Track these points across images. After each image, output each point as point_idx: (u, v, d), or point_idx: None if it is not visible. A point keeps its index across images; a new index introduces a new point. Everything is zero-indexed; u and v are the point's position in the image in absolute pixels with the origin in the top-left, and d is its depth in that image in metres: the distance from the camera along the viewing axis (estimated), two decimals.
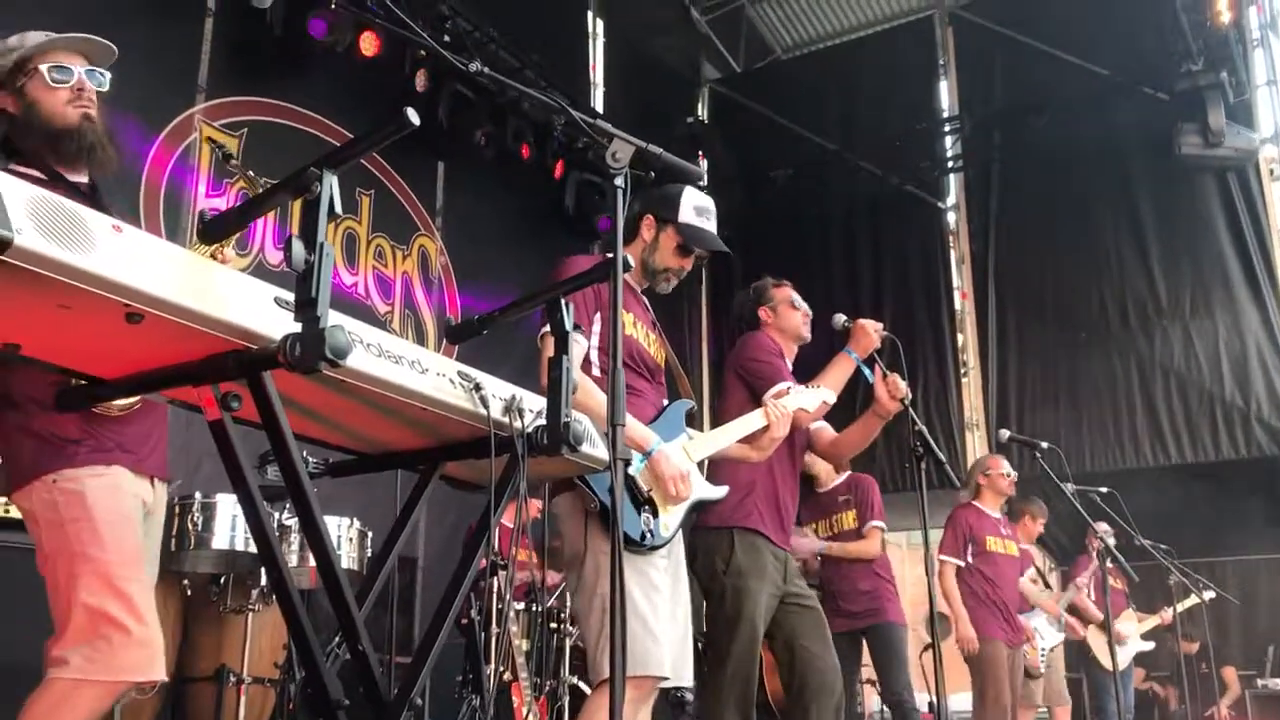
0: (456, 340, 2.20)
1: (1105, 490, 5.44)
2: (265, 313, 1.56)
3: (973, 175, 10.13)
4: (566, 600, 5.12)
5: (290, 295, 1.55)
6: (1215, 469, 8.56)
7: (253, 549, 3.78)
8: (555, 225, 8.30)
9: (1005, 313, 9.69)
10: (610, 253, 1.96)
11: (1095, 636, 7.17)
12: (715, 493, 3.03)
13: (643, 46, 10.41)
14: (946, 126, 10.26)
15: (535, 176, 8.03)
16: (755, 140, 10.48)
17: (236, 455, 1.66)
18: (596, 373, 2.78)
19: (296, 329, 1.49)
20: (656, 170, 2.03)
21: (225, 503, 3.85)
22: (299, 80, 6.42)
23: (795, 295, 3.86)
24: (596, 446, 2.05)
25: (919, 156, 10.11)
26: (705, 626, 3.65)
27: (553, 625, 5.09)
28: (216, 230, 1.69)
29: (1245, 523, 8.58)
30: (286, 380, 1.58)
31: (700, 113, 11.28)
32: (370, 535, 4.36)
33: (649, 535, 2.72)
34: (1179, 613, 7.34)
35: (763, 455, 3.24)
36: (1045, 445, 4.86)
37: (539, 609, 4.99)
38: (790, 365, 3.70)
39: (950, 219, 10.39)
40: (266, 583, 4.01)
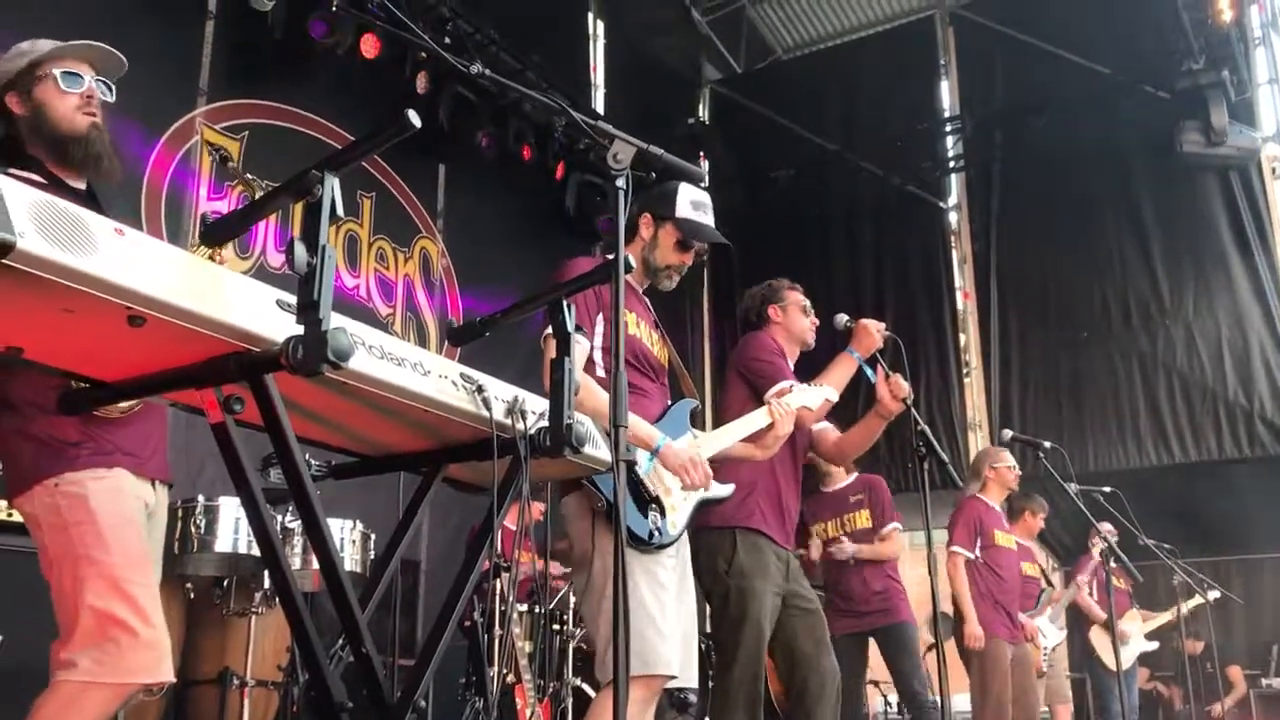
0: (458, 342, 2.20)
1: (1108, 490, 5.44)
2: (267, 315, 1.56)
3: (974, 175, 10.12)
4: (569, 602, 5.12)
5: (292, 298, 1.55)
6: (1218, 468, 8.55)
7: (256, 552, 3.79)
8: (556, 226, 8.29)
9: (1007, 312, 9.68)
10: (611, 253, 1.96)
11: (1099, 636, 7.16)
12: (722, 491, 3.04)
13: (643, 47, 10.41)
14: (948, 126, 10.25)
15: (536, 178, 8.03)
16: (756, 141, 10.47)
17: (239, 458, 1.66)
18: (600, 373, 2.78)
19: (299, 331, 1.49)
20: (658, 171, 2.03)
21: (228, 505, 3.85)
22: (300, 83, 6.43)
23: (807, 302, 3.88)
24: (599, 448, 2.05)
25: (920, 156, 10.10)
26: (710, 628, 3.65)
27: (555, 627, 5.09)
28: (218, 233, 1.69)
29: (1249, 522, 8.57)
30: (289, 383, 1.58)
31: (701, 113, 11.27)
32: (373, 537, 4.36)
33: (657, 534, 2.73)
34: (1183, 612, 7.34)
35: (767, 454, 3.24)
36: (1048, 445, 4.86)
37: (542, 610, 4.99)
38: (790, 368, 3.71)
39: (952, 219, 10.38)
40: (270, 585, 4.02)
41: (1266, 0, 9.21)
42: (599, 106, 9.66)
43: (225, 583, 4.12)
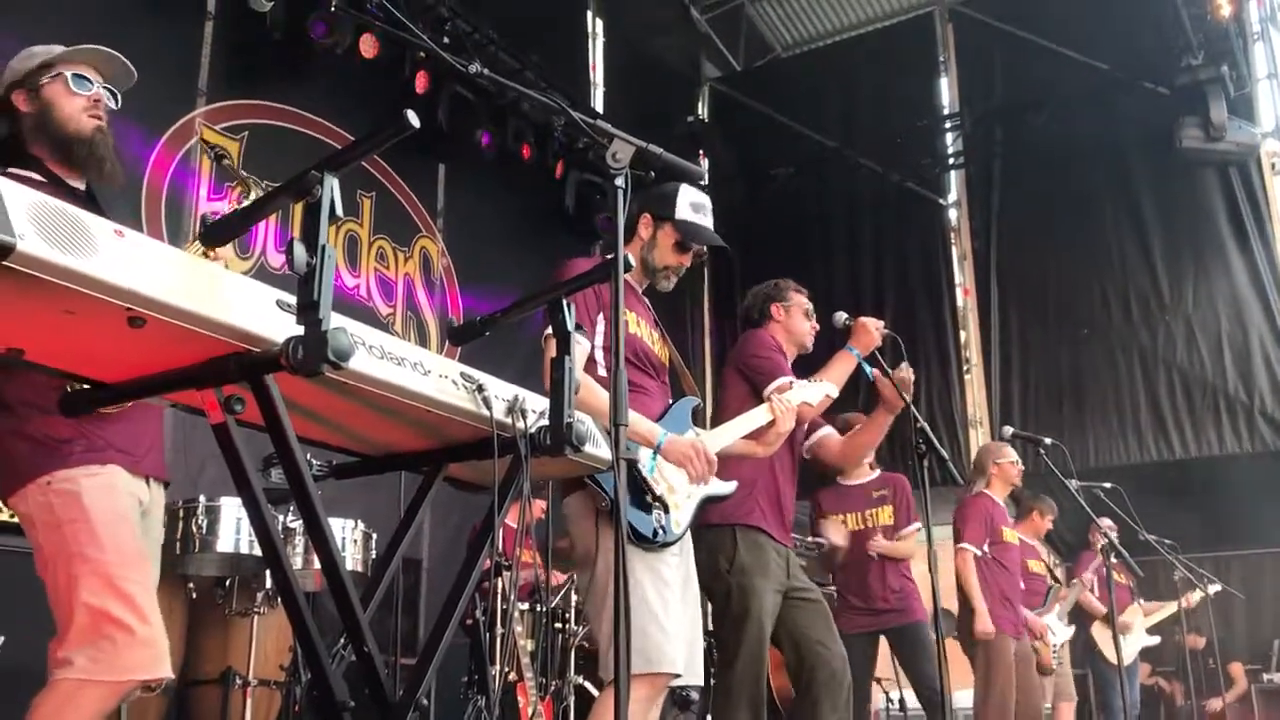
0: (459, 342, 2.20)
1: (1109, 485, 5.44)
2: (267, 316, 1.56)
3: (974, 172, 10.12)
4: (571, 600, 5.13)
5: (292, 298, 1.55)
6: (1219, 463, 8.56)
7: (257, 552, 3.79)
8: (556, 225, 8.30)
9: (1007, 309, 9.68)
10: (611, 253, 1.96)
11: (1100, 632, 7.16)
12: (725, 488, 3.04)
13: (643, 46, 10.41)
14: (947, 123, 10.26)
15: (536, 177, 8.04)
16: (756, 138, 10.47)
17: (240, 458, 1.66)
18: (602, 372, 2.78)
19: (299, 332, 1.49)
20: (657, 170, 2.03)
21: (229, 506, 3.86)
22: (299, 83, 6.43)
23: (810, 306, 3.89)
24: (600, 446, 2.05)
25: (920, 153, 10.10)
26: (712, 626, 3.65)
27: (557, 625, 5.09)
28: (219, 233, 1.69)
29: (1250, 517, 8.57)
30: (289, 383, 1.58)
31: (701, 111, 11.27)
32: (374, 537, 4.37)
33: (661, 532, 2.73)
34: (1184, 607, 7.34)
35: (769, 451, 3.24)
36: (1049, 441, 4.85)
37: (543, 609, 4.99)
38: (789, 365, 3.71)
39: (951, 216, 10.38)
40: (271, 585, 4.03)
41: None
42: (598, 105, 9.66)
43: (227, 583, 4.13)
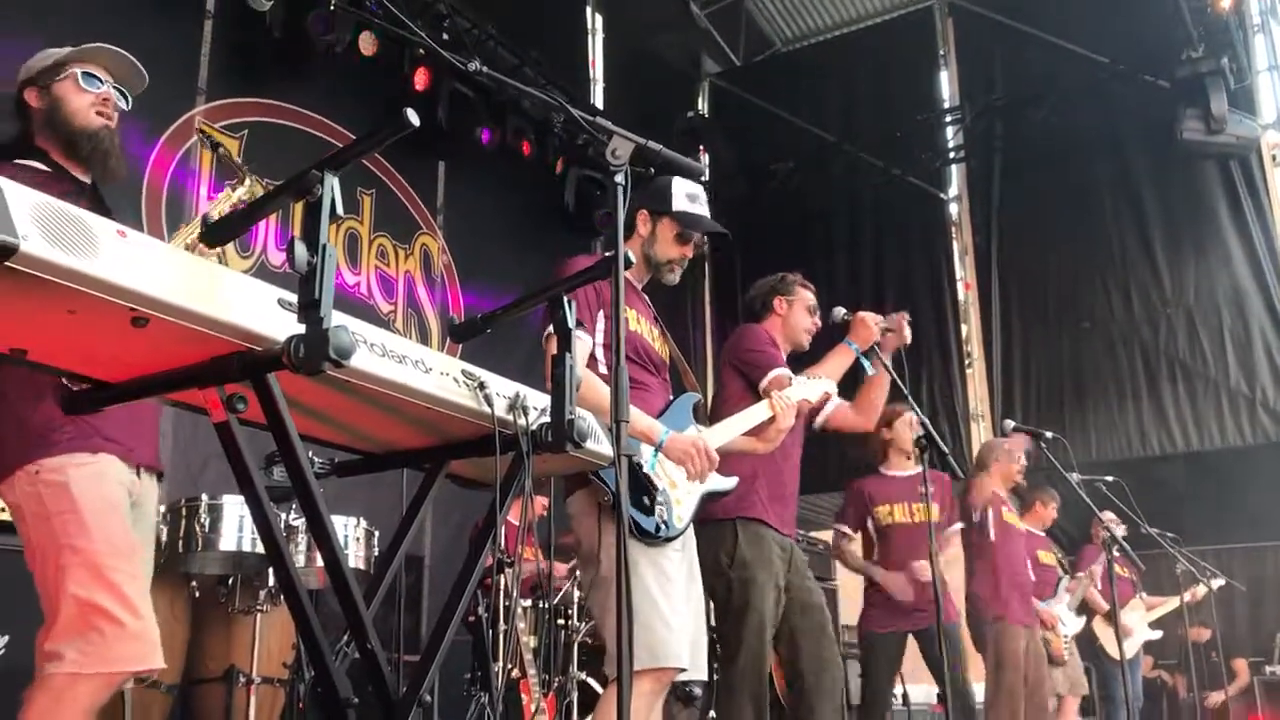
0: (460, 339, 2.21)
1: (1111, 479, 5.43)
2: (269, 315, 1.57)
3: (974, 166, 10.11)
4: (574, 596, 5.14)
5: (294, 297, 1.55)
6: (1221, 456, 8.55)
7: (260, 550, 3.79)
8: (556, 221, 8.30)
9: (1009, 303, 9.67)
10: (612, 250, 1.96)
11: (1102, 625, 7.16)
12: (726, 483, 3.05)
13: (642, 42, 10.40)
14: (947, 117, 10.24)
15: (536, 173, 8.04)
16: (756, 134, 10.47)
17: (243, 456, 1.66)
18: (603, 370, 2.79)
19: (300, 330, 1.49)
20: (656, 166, 2.03)
21: (232, 504, 3.86)
22: (298, 80, 6.43)
23: (814, 302, 3.88)
24: (601, 443, 2.06)
25: (920, 148, 10.08)
26: (714, 621, 3.66)
27: (560, 622, 5.10)
28: (220, 233, 1.69)
29: (1252, 510, 8.56)
30: (291, 381, 1.58)
31: (701, 107, 11.27)
32: (377, 534, 4.37)
33: (663, 527, 2.74)
34: (1187, 601, 7.33)
35: (769, 447, 3.25)
36: (1050, 435, 4.84)
37: (546, 605, 5.00)
38: (783, 357, 3.71)
39: (952, 210, 10.37)
40: (274, 583, 4.03)
41: None
42: (598, 101, 9.66)
43: (230, 581, 4.13)
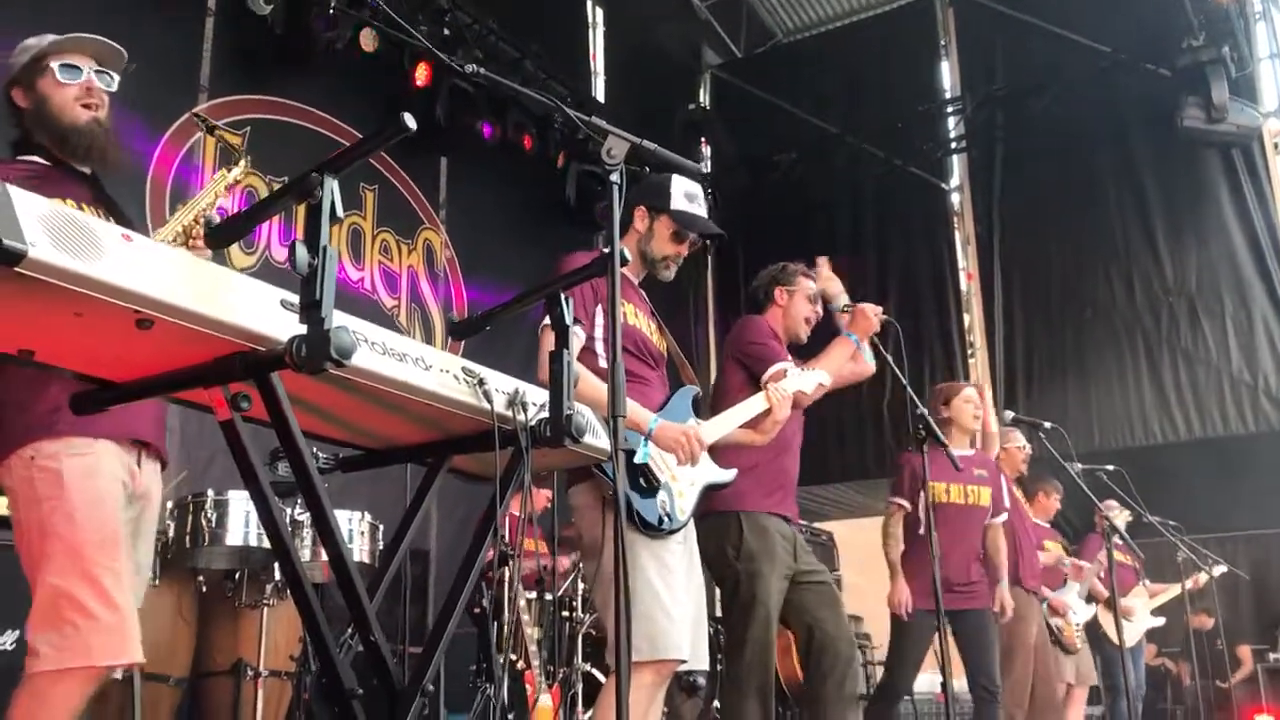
0: (460, 337, 2.23)
1: (1112, 468, 5.45)
2: (271, 315, 1.59)
3: (976, 156, 10.08)
4: (577, 588, 5.17)
5: (295, 297, 1.58)
6: (1223, 444, 8.56)
7: (266, 544, 3.82)
8: (558, 215, 8.31)
9: (1011, 292, 9.67)
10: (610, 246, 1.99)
11: (1105, 614, 7.18)
12: (725, 476, 3.07)
13: (643, 34, 10.38)
14: (949, 107, 10.23)
15: (538, 167, 8.05)
16: (757, 125, 10.45)
17: (248, 453, 1.70)
18: (603, 364, 2.80)
19: (302, 330, 1.52)
20: (652, 166, 2.06)
21: (238, 499, 3.89)
22: (300, 77, 6.45)
23: (815, 291, 3.87)
24: (599, 437, 2.09)
25: (922, 138, 10.07)
26: (719, 613, 3.68)
27: (564, 613, 5.13)
28: (223, 234, 1.72)
29: (1254, 498, 8.57)
30: (294, 380, 1.61)
31: (702, 99, 11.26)
32: (381, 528, 4.40)
33: (666, 519, 2.76)
34: (1189, 588, 7.35)
35: (766, 439, 3.27)
36: (1049, 425, 4.86)
37: (550, 597, 5.03)
38: (785, 349, 3.72)
39: (954, 200, 10.36)
40: (280, 577, 4.06)
41: None
42: (599, 95, 9.66)
43: (237, 575, 4.17)
